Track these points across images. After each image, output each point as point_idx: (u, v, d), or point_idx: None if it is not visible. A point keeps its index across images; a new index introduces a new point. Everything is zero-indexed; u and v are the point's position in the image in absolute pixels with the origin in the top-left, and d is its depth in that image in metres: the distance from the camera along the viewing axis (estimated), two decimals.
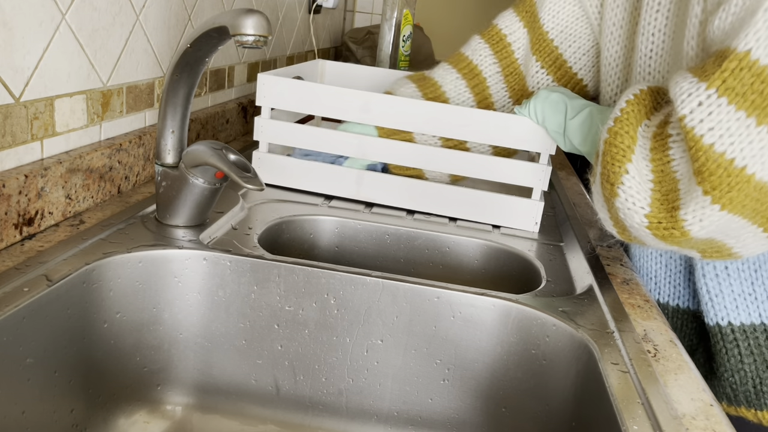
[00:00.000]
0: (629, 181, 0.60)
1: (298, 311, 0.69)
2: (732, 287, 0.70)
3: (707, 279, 0.71)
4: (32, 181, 0.63)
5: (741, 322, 0.70)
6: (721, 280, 0.70)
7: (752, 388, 0.70)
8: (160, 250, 0.67)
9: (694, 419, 0.51)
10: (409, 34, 1.42)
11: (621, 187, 0.61)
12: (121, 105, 0.81)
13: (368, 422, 0.71)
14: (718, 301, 0.71)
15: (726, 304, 0.70)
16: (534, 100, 0.82)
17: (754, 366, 0.70)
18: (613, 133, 0.62)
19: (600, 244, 0.80)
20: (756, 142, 0.53)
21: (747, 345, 0.70)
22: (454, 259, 0.85)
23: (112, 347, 0.65)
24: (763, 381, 0.70)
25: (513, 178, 0.87)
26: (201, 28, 0.63)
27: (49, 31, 0.66)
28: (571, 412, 0.62)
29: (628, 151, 0.61)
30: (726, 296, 0.71)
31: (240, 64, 1.20)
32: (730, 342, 0.71)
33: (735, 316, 0.70)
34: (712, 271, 0.71)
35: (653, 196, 0.60)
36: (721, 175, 0.54)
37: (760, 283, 0.70)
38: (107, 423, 0.65)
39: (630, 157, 0.61)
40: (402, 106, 0.86)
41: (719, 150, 0.54)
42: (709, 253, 0.64)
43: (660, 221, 0.59)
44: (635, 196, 0.60)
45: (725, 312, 0.70)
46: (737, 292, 0.70)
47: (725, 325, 0.71)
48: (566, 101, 0.79)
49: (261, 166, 0.92)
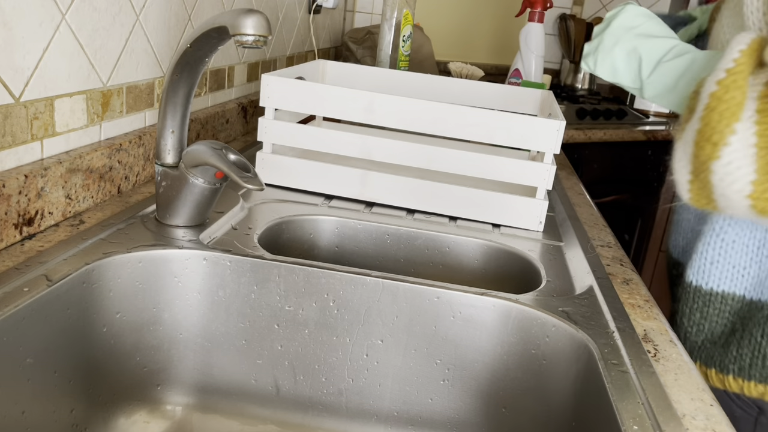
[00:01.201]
0: (736, 143, 0.55)
1: (298, 311, 0.69)
2: (731, 260, 0.73)
3: (710, 247, 0.74)
4: (32, 181, 0.63)
5: (724, 290, 0.74)
6: (722, 251, 0.73)
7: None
8: (160, 250, 0.67)
9: (694, 419, 0.51)
10: (409, 34, 1.42)
11: (725, 148, 0.56)
12: (121, 105, 0.81)
13: (368, 422, 0.71)
14: (714, 269, 0.74)
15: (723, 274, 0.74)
16: (595, 54, 0.74)
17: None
18: (725, 87, 0.56)
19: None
20: None
21: (725, 311, 0.75)
22: (454, 259, 0.85)
23: (112, 347, 0.65)
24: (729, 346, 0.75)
25: (517, 177, 0.87)
26: (201, 28, 0.63)
27: (49, 31, 0.66)
28: (571, 412, 0.62)
29: (738, 109, 0.56)
30: (724, 266, 0.73)
31: (240, 64, 1.20)
32: (705, 303, 0.76)
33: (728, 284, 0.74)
34: (719, 242, 0.73)
35: (759, 162, 0.55)
36: None
37: (758, 260, 0.72)
38: (107, 423, 0.65)
39: (739, 116, 0.55)
40: (406, 107, 0.86)
41: None
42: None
43: (762, 189, 0.56)
44: (741, 160, 0.56)
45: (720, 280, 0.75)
46: (733, 263, 0.73)
47: (707, 289, 0.76)
48: (673, 41, 0.70)
49: (265, 167, 0.92)
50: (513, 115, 0.85)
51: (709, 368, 0.77)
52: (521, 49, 1.36)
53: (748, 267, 0.73)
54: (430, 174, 0.94)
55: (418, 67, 1.76)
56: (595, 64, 0.74)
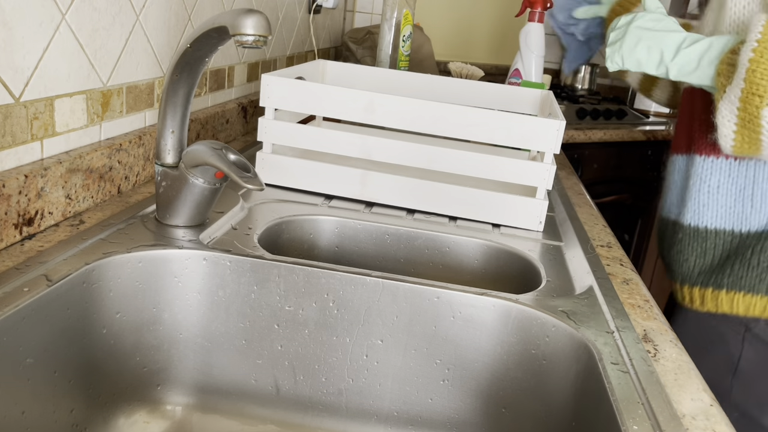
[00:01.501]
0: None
1: (298, 311, 0.69)
2: (719, 201, 0.89)
3: (700, 194, 0.90)
4: (32, 181, 0.63)
5: (716, 227, 0.91)
6: (710, 196, 0.90)
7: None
8: (160, 250, 0.67)
9: (694, 419, 0.51)
10: (409, 34, 1.42)
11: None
12: (121, 105, 0.81)
13: (368, 422, 0.71)
14: (706, 210, 0.91)
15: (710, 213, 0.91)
16: (620, 52, 0.87)
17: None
18: (759, 52, 0.73)
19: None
20: None
21: (719, 244, 0.91)
22: (454, 259, 0.85)
23: (112, 347, 0.65)
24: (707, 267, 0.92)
25: (517, 177, 0.87)
26: (201, 28, 0.63)
27: (49, 31, 0.66)
28: (571, 412, 0.62)
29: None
30: (713, 207, 0.90)
31: (240, 64, 1.20)
32: (702, 239, 0.92)
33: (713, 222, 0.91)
34: (705, 188, 0.90)
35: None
36: None
37: (741, 200, 0.88)
38: (107, 423, 0.65)
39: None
40: (406, 107, 0.86)
41: None
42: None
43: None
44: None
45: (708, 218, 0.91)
46: (721, 204, 0.89)
47: (702, 228, 0.91)
48: (685, 33, 0.84)
49: (265, 167, 0.92)
50: (513, 115, 0.85)
51: (706, 288, 0.92)
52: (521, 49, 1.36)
53: (733, 206, 0.89)
54: (430, 174, 0.94)
55: (418, 67, 1.76)
56: (622, 61, 0.87)
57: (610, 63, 0.88)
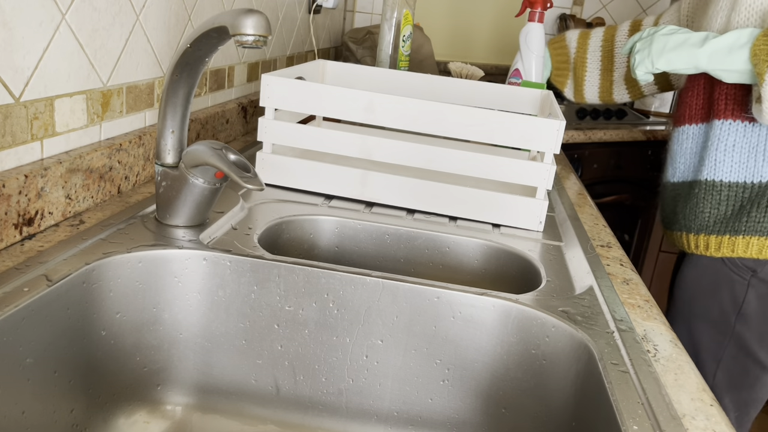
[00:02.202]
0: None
1: (298, 311, 0.69)
2: (733, 157, 1.00)
3: (717, 151, 1.01)
4: (32, 181, 0.63)
5: (730, 180, 1.01)
6: (726, 153, 1.01)
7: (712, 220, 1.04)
8: (160, 250, 0.67)
9: (694, 419, 0.51)
10: (409, 34, 1.42)
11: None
12: (121, 105, 0.81)
13: (368, 422, 0.71)
14: (722, 166, 1.01)
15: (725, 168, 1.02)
16: (650, 57, 0.99)
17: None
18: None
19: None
20: None
21: (732, 196, 1.02)
22: (454, 259, 0.85)
23: (112, 347, 0.65)
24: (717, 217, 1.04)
25: (517, 177, 0.87)
26: (201, 28, 0.63)
27: (49, 31, 0.66)
28: (571, 412, 0.62)
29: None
30: (728, 163, 1.01)
31: (240, 64, 1.20)
32: (717, 191, 1.02)
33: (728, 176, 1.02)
34: (723, 147, 1.01)
35: None
36: None
37: (753, 156, 0.99)
38: (107, 423, 0.65)
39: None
40: (406, 107, 0.86)
41: None
42: None
43: None
44: None
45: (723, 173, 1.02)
46: (735, 160, 1.00)
47: (718, 181, 1.02)
48: (684, 37, 0.97)
49: (265, 167, 0.92)
50: (513, 115, 0.85)
51: (722, 235, 1.03)
52: (521, 49, 1.36)
53: (746, 162, 1.00)
54: (430, 174, 0.94)
55: (418, 67, 1.76)
56: (652, 64, 0.99)
57: (641, 68, 1.00)
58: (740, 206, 1.01)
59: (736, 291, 1.04)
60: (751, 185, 1.00)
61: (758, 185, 1.00)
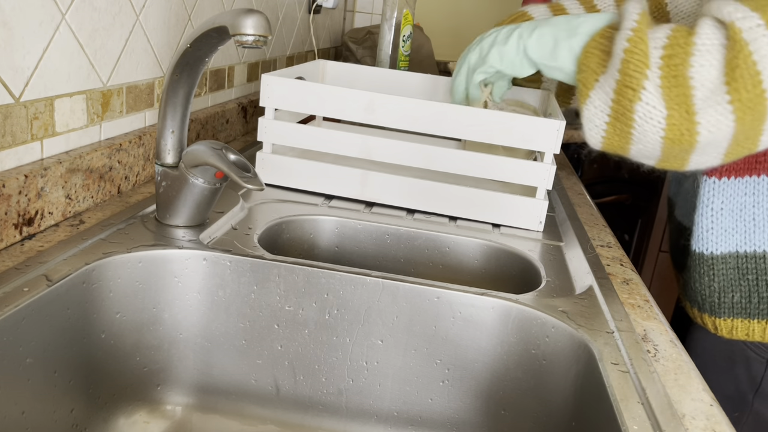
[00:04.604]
0: (649, 85, 0.68)
1: (298, 311, 0.69)
2: (722, 224, 0.83)
3: (703, 218, 0.84)
4: (32, 181, 0.63)
5: (720, 252, 0.84)
6: (714, 219, 0.83)
7: (716, 299, 0.86)
8: (160, 250, 0.67)
9: (694, 419, 0.51)
10: (409, 34, 1.42)
11: (643, 91, 0.68)
12: (121, 105, 0.81)
13: (368, 422, 0.71)
14: (710, 236, 0.84)
15: (713, 238, 0.84)
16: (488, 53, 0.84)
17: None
18: (634, 42, 0.68)
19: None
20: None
21: (728, 268, 0.84)
22: (454, 259, 0.85)
23: (112, 347, 0.65)
24: (723, 295, 0.85)
25: (517, 177, 0.87)
26: (201, 28, 0.63)
27: (49, 31, 0.66)
28: (571, 412, 0.62)
29: (646, 59, 0.68)
30: (717, 231, 0.84)
31: (240, 64, 1.20)
32: (708, 265, 0.85)
33: (717, 247, 0.85)
34: (709, 210, 0.84)
35: (665, 99, 0.68)
36: (750, 91, 0.64)
37: (743, 220, 0.82)
38: (107, 423, 0.65)
39: (648, 64, 0.68)
40: (406, 106, 0.86)
41: (759, 69, 0.63)
42: (666, 162, 0.75)
43: (675, 122, 0.68)
44: (657, 99, 0.68)
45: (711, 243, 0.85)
46: (724, 227, 0.83)
47: (708, 254, 0.85)
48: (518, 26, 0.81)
49: (265, 167, 0.92)
50: (513, 115, 0.85)
51: (734, 318, 0.86)
52: None
53: (735, 226, 0.82)
54: (430, 174, 0.94)
55: (418, 67, 1.76)
56: (488, 61, 0.84)
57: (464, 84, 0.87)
58: (740, 281, 0.84)
59: (753, 369, 0.88)
60: (744, 255, 0.83)
61: (753, 256, 0.83)
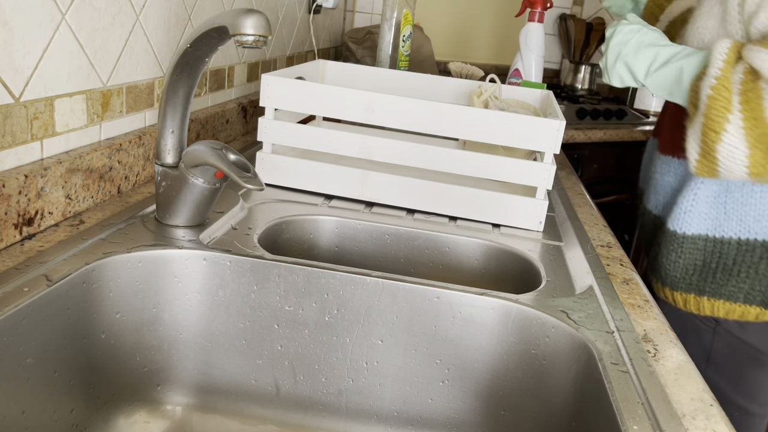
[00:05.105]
0: (731, 128, 0.77)
1: (298, 311, 0.69)
2: (698, 209, 0.93)
3: (685, 201, 0.93)
4: (32, 181, 0.63)
5: (692, 233, 0.94)
6: (693, 203, 0.93)
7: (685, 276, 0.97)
8: (160, 250, 0.67)
9: (694, 419, 0.51)
10: (409, 34, 1.42)
11: (725, 134, 0.77)
12: (121, 105, 0.81)
13: (368, 422, 0.71)
14: (686, 217, 0.94)
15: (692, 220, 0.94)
16: (606, 69, 0.93)
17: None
18: (717, 90, 0.77)
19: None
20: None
21: (696, 248, 0.95)
22: (454, 259, 0.85)
23: (112, 347, 0.65)
24: (693, 273, 0.96)
25: (517, 177, 0.87)
26: (201, 28, 0.63)
27: (49, 31, 0.66)
28: (571, 412, 0.62)
29: (728, 104, 0.77)
30: (692, 214, 0.94)
31: (240, 64, 1.20)
32: (679, 243, 0.95)
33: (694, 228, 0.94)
34: (692, 195, 0.93)
35: (748, 140, 0.77)
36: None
37: (715, 207, 0.92)
38: (107, 423, 0.65)
39: (731, 108, 0.77)
40: (406, 107, 0.86)
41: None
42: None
43: (758, 161, 0.77)
44: (737, 141, 0.77)
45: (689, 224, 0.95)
46: (699, 212, 0.93)
47: (680, 233, 0.95)
48: (655, 49, 0.88)
49: (265, 167, 0.92)
50: (513, 115, 0.85)
51: (688, 294, 0.97)
52: (521, 49, 1.36)
53: (709, 212, 0.92)
54: (430, 174, 0.94)
55: (418, 67, 1.76)
56: (609, 79, 0.93)
57: (604, 77, 0.95)
58: (702, 263, 0.95)
59: (703, 339, 0.99)
60: (713, 240, 0.93)
61: (720, 241, 0.93)
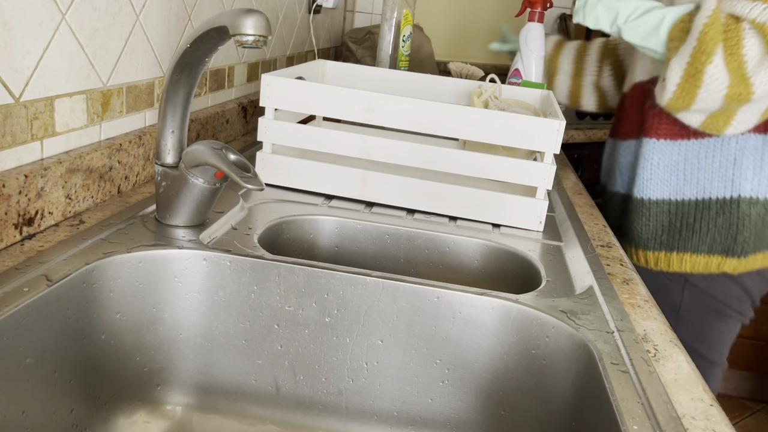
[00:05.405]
0: (717, 58, 0.92)
1: (298, 311, 0.69)
2: (659, 176, 1.09)
3: (644, 170, 1.10)
4: (32, 181, 0.63)
5: (656, 198, 1.10)
6: (652, 171, 1.10)
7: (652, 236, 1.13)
8: (160, 250, 0.67)
9: (694, 419, 0.51)
10: (409, 34, 1.42)
11: (714, 57, 0.92)
12: (121, 105, 0.81)
13: (368, 422, 0.71)
14: (649, 184, 1.11)
15: (652, 186, 1.11)
16: (584, 9, 1.05)
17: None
18: (711, 21, 0.92)
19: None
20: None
21: (661, 211, 1.11)
22: (454, 259, 0.85)
23: (112, 347, 0.65)
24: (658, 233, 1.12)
25: (517, 177, 0.87)
26: (201, 28, 0.63)
27: (49, 31, 0.66)
28: (571, 412, 0.62)
29: (718, 37, 0.92)
30: (654, 181, 1.10)
31: (240, 64, 1.20)
32: (646, 208, 1.12)
33: (654, 194, 1.11)
34: (648, 165, 1.10)
35: (727, 68, 0.92)
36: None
37: (675, 173, 1.08)
38: (107, 423, 0.65)
39: (720, 38, 0.92)
40: (406, 107, 0.86)
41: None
42: (714, 119, 1.03)
43: (734, 85, 0.93)
44: (721, 68, 0.92)
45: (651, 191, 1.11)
46: (660, 178, 1.09)
47: (646, 199, 1.11)
48: (620, 5, 1.02)
49: (265, 167, 0.92)
50: (513, 115, 0.85)
51: (659, 251, 1.12)
52: (521, 49, 1.36)
53: (669, 179, 1.08)
54: (430, 174, 0.94)
55: (418, 67, 1.76)
56: (584, 17, 1.05)
57: (575, 17, 1.07)
58: (668, 223, 1.10)
59: (672, 296, 1.12)
60: (675, 203, 1.09)
61: (681, 203, 1.08)
